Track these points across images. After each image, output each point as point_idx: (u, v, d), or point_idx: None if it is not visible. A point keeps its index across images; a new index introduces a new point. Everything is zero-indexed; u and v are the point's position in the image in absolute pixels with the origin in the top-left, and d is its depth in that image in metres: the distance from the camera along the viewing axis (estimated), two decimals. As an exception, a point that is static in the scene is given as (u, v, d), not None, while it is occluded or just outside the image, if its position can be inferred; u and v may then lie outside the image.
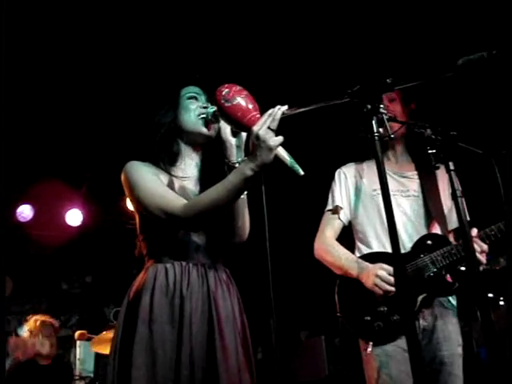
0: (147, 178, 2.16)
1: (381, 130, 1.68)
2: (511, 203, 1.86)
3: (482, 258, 2.62)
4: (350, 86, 1.72)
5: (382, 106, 1.65)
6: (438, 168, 1.94)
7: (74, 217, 6.78)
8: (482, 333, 1.79)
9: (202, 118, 2.26)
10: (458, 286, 2.73)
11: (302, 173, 1.86)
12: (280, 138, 1.86)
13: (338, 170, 3.08)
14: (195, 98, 2.34)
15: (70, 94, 5.15)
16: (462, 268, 2.71)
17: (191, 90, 2.36)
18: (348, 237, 3.02)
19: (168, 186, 2.20)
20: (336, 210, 2.97)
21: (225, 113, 1.98)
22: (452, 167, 1.86)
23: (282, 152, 1.88)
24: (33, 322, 5.07)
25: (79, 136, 5.70)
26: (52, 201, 6.69)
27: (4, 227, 2.36)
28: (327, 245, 2.93)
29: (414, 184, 2.93)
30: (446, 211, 2.88)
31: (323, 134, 5.45)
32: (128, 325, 2.11)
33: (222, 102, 1.96)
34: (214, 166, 2.27)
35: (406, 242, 2.79)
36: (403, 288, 1.58)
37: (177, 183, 2.25)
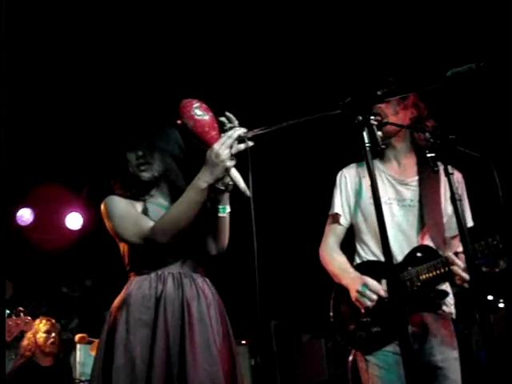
0: (121, 208, 2.35)
1: (379, 133, 1.69)
2: (510, 207, 1.87)
3: (466, 275, 2.52)
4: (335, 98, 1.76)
5: (372, 117, 1.68)
6: (437, 171, 1.95)
7: (74, 220, 6.80)
8: (481, 335, 1.79)
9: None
10: (439, 302, 2.70)
11: (248, 194, 2.03)
12: (234, 162, 2.05)
13: (339, 173, 3.04)
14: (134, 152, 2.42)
15: (70, 98, 5.17)
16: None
17: (131, 141, 2.45)
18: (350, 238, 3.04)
19: (143, 212, 2.36)
20: (336, 217, 2.97)
21: (192, 124, 2.09)
22: (451, 171, 1.87)
23: (235, 172, 2.07)
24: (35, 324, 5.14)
25: (79, 139, 5.71)
26: (52, 204, 6.69)
27: (4, 231, 2.41)
28: (328, 254, 2.96)
29: (411, 192, 2.87)
30: (445, 218, 2.82)
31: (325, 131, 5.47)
32: (110, 336, 2.23)
33: (193, 113, 2.08)
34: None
35: (397, 254, 2.75)
36: (396, 297, 1.60)
37: (151, 207, 2.38)
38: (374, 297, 2.65)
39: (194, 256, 2.36)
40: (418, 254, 2.74)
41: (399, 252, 2.77)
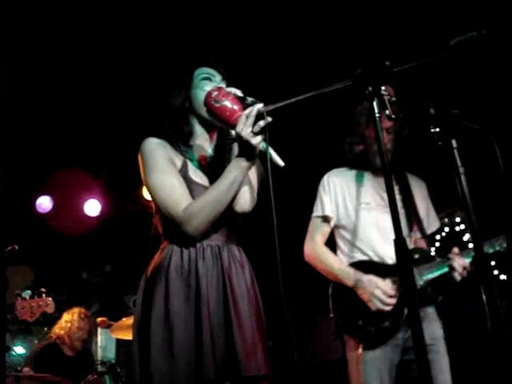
0: (160, 166, 2.20)
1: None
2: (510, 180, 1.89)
3: (464, 273, 2.82)
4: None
5: (383, 87, 1.71)
6: (440, 146, 1.96)
7: (93, 207, 6.90)
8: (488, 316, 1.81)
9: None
10: (441, 299, 2.90)
11: (282, 164, 2.07)
12: (260, 137, 2.06)
13: (326, 177, 3.15)
14: (209, 79, 2.35)
15: (87, 83, 5.21)
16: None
17: (205, 71, 2.37)
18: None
19: (181, 170, 2.24)
20: (326, 219, 3.07)
21: (214, 112, 2.18)
22: (455, 145, 1.89)
23: (265, 146, 2.09)
24: (71, 314, 5.36)
25: (97, 126, 5.77)
26: (70, 191, 6.79)
27: (4, 223, 2.38)
28: (319, 253, 3.05)
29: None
30: (423, 220, 3.04)
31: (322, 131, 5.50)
32: (146, 305, 2.16)
33: (212, 102, 2.16)
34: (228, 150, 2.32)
35: (386, 257, 2.91)
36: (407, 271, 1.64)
37: (190, 167, 2.28)
38: (389, 301, 2.78)
39: (227, 223, 2.26)
40: (416, 256, 2.92)
41: (387, 254, 2.91)
